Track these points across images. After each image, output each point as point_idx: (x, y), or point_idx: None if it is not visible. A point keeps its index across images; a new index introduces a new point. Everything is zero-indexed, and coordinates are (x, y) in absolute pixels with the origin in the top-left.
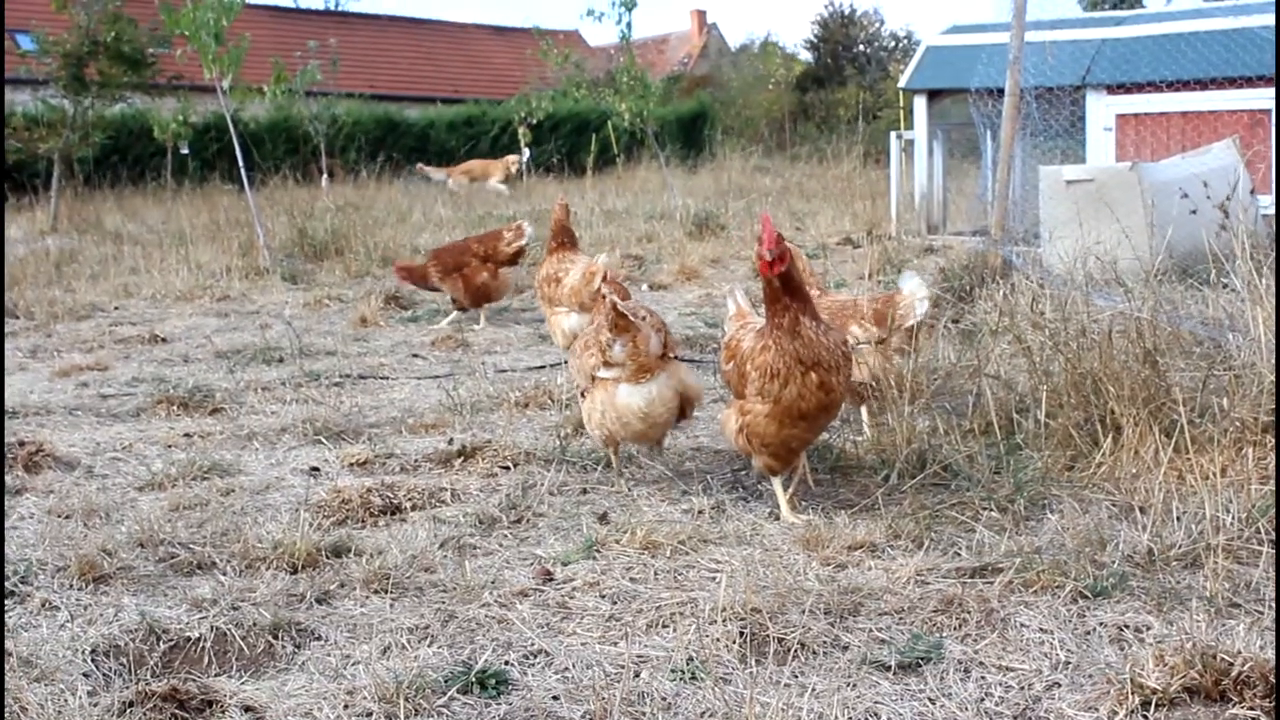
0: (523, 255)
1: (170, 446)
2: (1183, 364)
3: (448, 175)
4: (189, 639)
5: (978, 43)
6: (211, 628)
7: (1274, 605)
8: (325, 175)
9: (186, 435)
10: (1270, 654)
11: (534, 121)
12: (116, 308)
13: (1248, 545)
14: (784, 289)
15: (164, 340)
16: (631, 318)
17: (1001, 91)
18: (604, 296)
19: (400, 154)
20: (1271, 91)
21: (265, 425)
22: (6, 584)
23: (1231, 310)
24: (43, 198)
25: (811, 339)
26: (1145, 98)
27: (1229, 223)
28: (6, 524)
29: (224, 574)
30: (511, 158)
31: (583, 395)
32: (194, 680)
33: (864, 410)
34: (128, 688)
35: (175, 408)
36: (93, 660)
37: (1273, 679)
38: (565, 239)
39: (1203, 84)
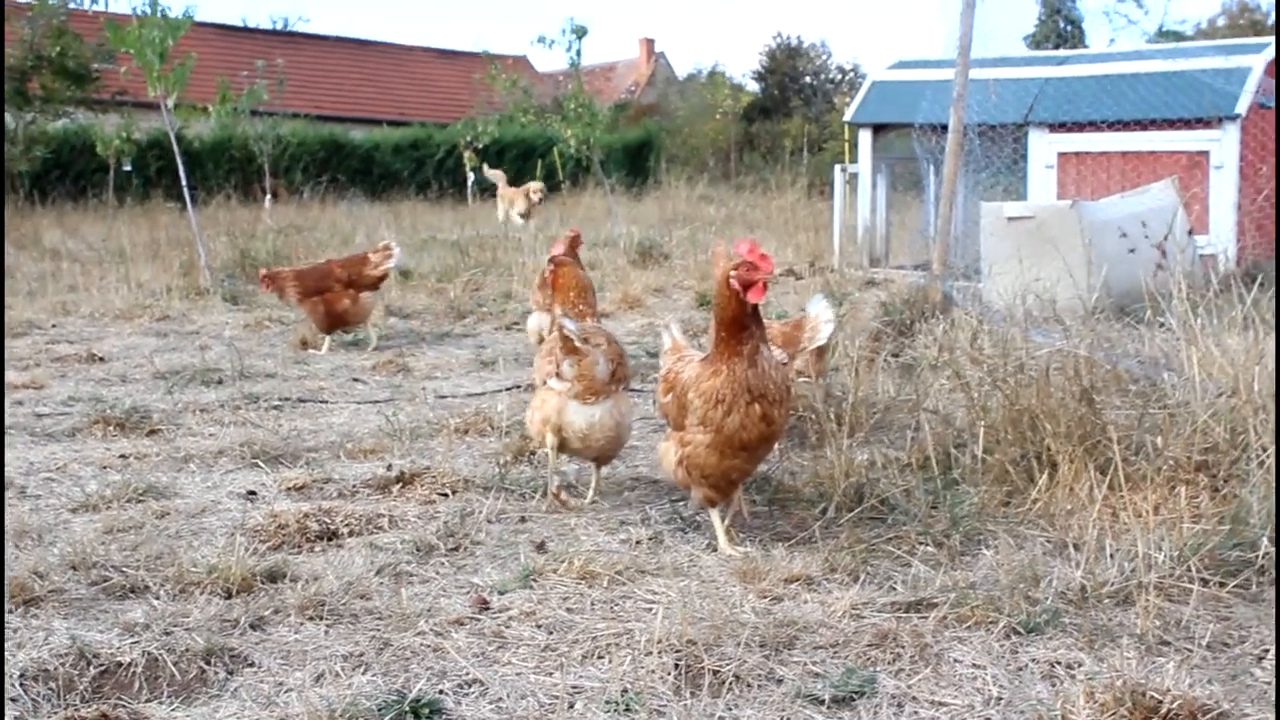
0: (386, 279)
1: (106, 468)
2: (1118, 402)
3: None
4: (120, 664)
5: (923, 79)
6: (143, 653)
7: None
8: (269, 196)
9: (122, 456)
10: (1199, 691)
11: (480, 146)
12: (54, 325)
13: (1179, 583)
14: (753, 316)
15: (102, 359)
16: (578, 344)
17: (945, 127)
18: (558, 319)
19: (344, 176)
20: (1209, 134)
21: (203, 448)
22: None
23: (1167, 349)
24: None
25: (764, 370)
26: (1086, 137)
27: (1166, 262)
28: None
29: (157, 598)
30: (533, 185)
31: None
32: (124, 706)
33: None
34: (56, 713)
35: (112, 428)
36: (21, 685)
37: (1201, 718)
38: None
39: (1142, 125)
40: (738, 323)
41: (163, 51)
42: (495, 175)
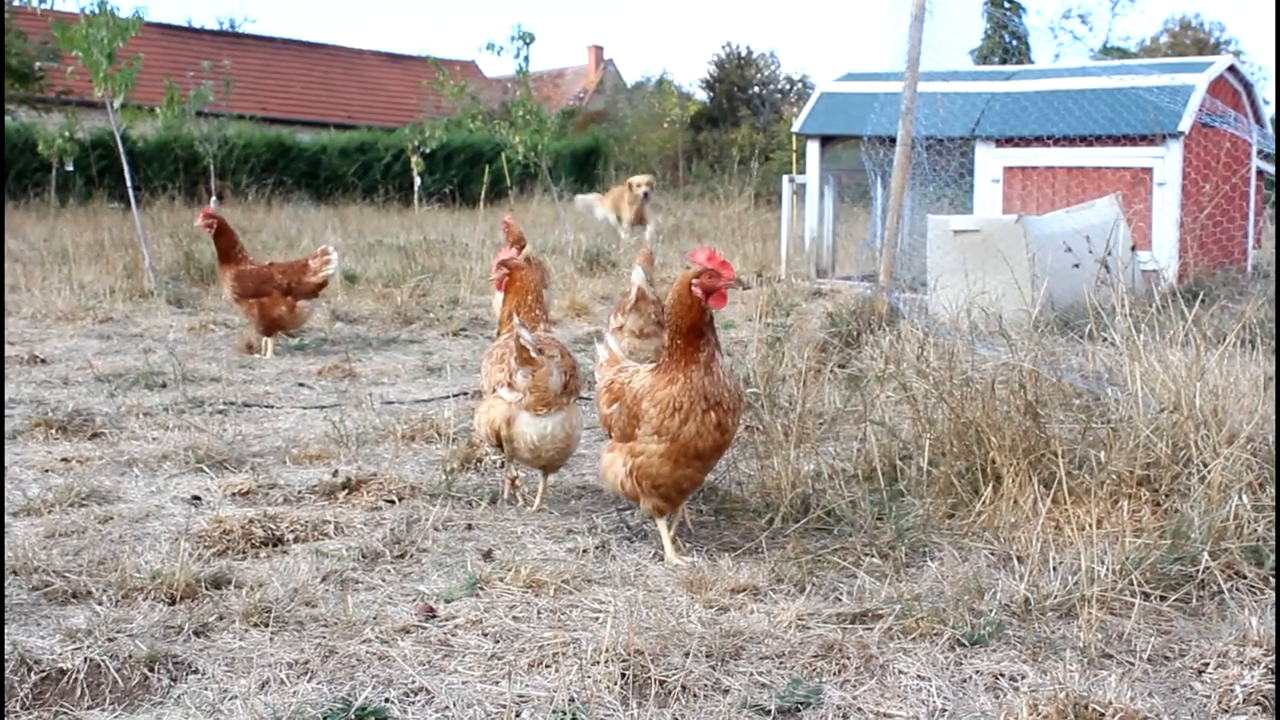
0: (326, 286)
1: (47, 471)
2: (1062, 416)
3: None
4: (62, 670)
5: (871, 91)
6: (85, 659)
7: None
8: (214, 197)
9: (64, 460)
10: (1140, 704)
11: (427, 151)
12: None
13: (1121, 597)
14: (710, 324)
15: (43, 361)
16: (534, 354)
17: (893, 140)
18: (513, 327)
19: (291, 178)
20: (1153, 150)
21: (146, 452)
22: None
23: (1110, 364)
24: None
25: (719, 378)
26: (1032, 151)
27: (1109, 277)
28: None
29: (100, 604)
30: (636, 179)
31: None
32: (65, 713)
33: None
34: None
35: (54, 431)
36: None
37: None
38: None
39: (1087, 140)
40: (696, 330)
41: (110, 52)
42: (589, 200)
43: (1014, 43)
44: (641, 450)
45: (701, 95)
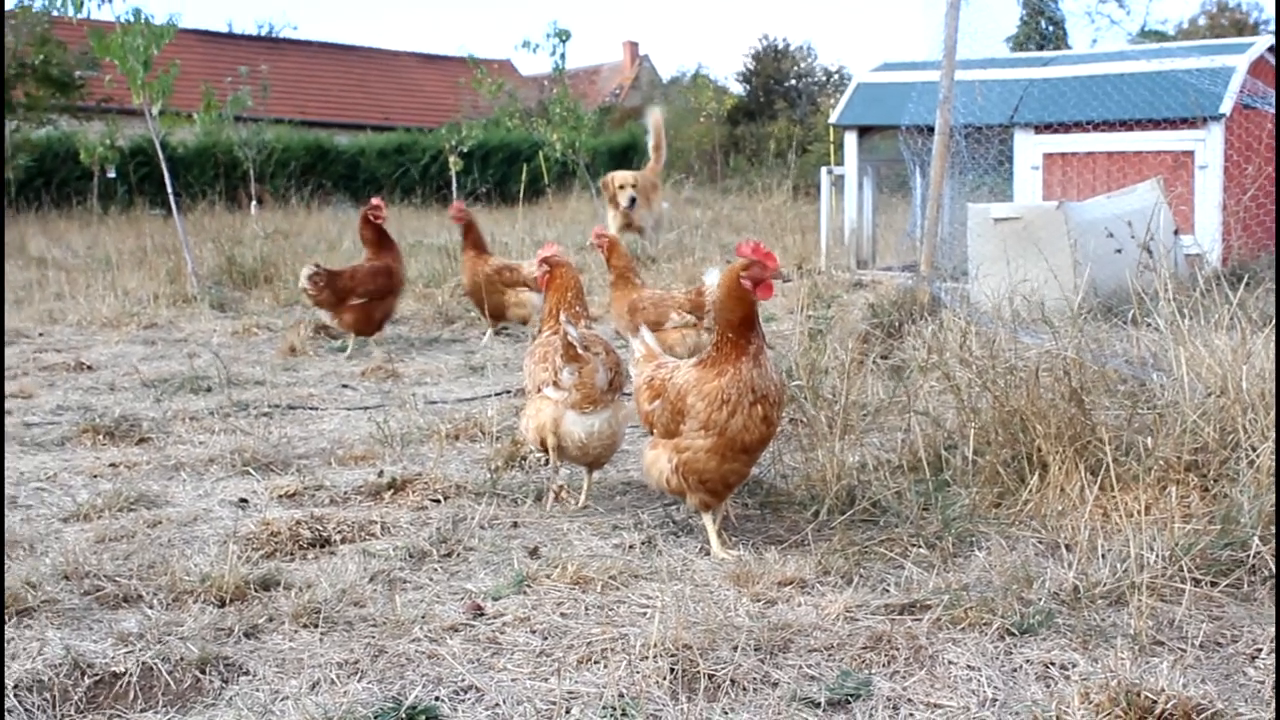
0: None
1: (96, 477)
2: (1107, 402)
3: None
4: (114, 674)
5: (908, 80)
6: (138, 662)
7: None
8: (254, 202)
9: (113, 465)
10: (1193, 691)
11: (464, 150)
12: (41, 334)
13: (1171, 583)
14: (757, 317)
15: (90, 368)
16: (581, 351)
17: (931, 129)
18: (560, 325)
19: (330, 180)
20: (1194, 134)
21: (193, 456)
22: None
23: (1155, 350)
24: None
25: (767, 371)
26: (1071, 137)
27: (1152, 262)
28: None
29: (151, 607)
30: (615, 176)
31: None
32: (119, 716)
33: None
34: None
35: (101, 437)
36: (16, 696)
37: (1195, 717)
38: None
39: (1127, 125)
40: (746, 322)
41: (147, 59)
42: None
43: (1050, 28)
44: (687, 445)
45: (737, 89)
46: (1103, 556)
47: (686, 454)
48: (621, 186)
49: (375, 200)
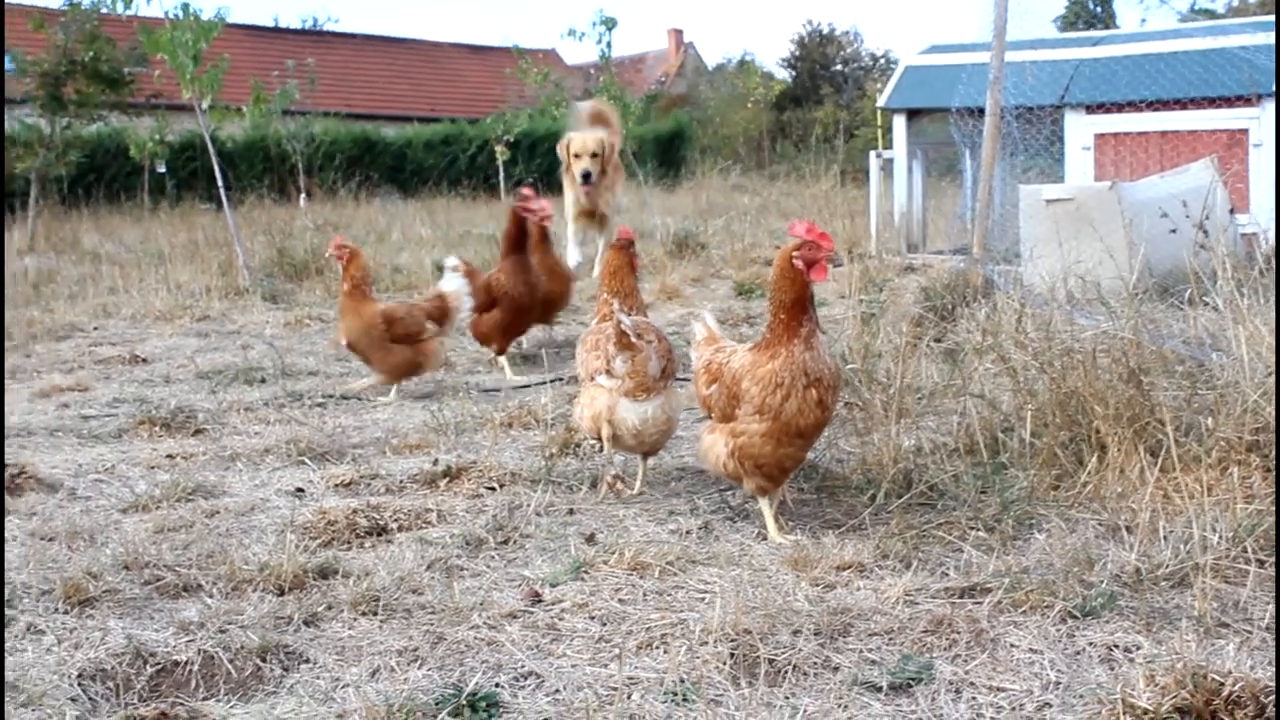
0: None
1: (153, 468)
2: (1166, 383)
3: None
4: (176, 662)
5: (957, 62)
6: (199, 651)
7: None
8: (303, 194)
9: (169, 456)
10: (1260, 674)
11: (511, 140)
12: (96, 328)
13: (1235, 565)
14: (811, 299)
15: (144, 361)
16: (633, 339)
17: (982, 111)
18: (612, 313)
19: (377, 172)
20: (1249, 111)
21: (249, 446)
22: None
23: (1213, 329)
24: (19, 217)
25: (820, 354)
26: (1123, 117)
27: (1208, 242)
28: None
29: (210, 596)
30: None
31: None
32: (182, 705)
33: None
34: (115, 712)
35: (157, 429)
36: (80, 685)
37: (1263, 699)
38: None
39: (1181, 104)
40: (799, 305)
41: (196, 54)
42: None
43: (1098, 8)
44: (743, 430)
45: (783, 74)
46: (1164, 538)
47: (742, 438)
48: (578, 155)
49: (524, 189)
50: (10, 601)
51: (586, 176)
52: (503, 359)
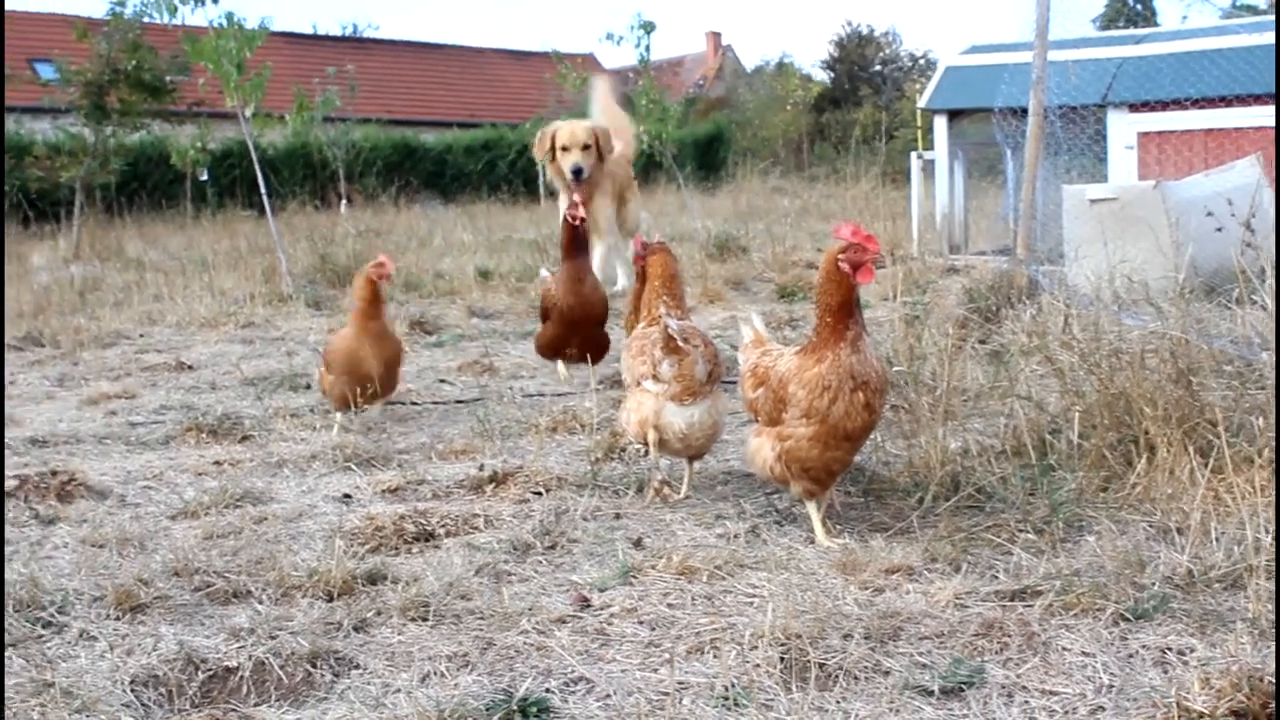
0: None
1: (201, 474)
2: (1214, 383)
3: None
4: (228, 668)
5: (998, 62)
6: (250, 657)
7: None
8: (344, 200)
9: (217, 463)
10: None
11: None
12: (141, 335)
13: None
14: (857, 301)
15: (190, 367)
16: (681, 343)
17: (1024, 110)
18: (660, 317)
19: (417, 178)
20: None
21: (295, 452)
22: (44, 614)
23: (1261, 328)
24: (65, 225)
25: (866, 356)
26: (1167, 115)
27: (1255, 240)
28: (41, 553)
29: (260, 603)
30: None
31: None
32: (234, 710)
33: None
34: (168, 719)
35: (204, 435)
36: (133, 691)
37: None
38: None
39: (1225, 101)
40: (845, 307)
41: (239, 62)
42: None
43: (1139, 6)
44: (790, 434)
45: (822, 76)
46: (1216, 540)
47: (789, 442)
48: (565, 147)
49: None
50: (63, 608)
51: (578, 172)
52: (559, 366)
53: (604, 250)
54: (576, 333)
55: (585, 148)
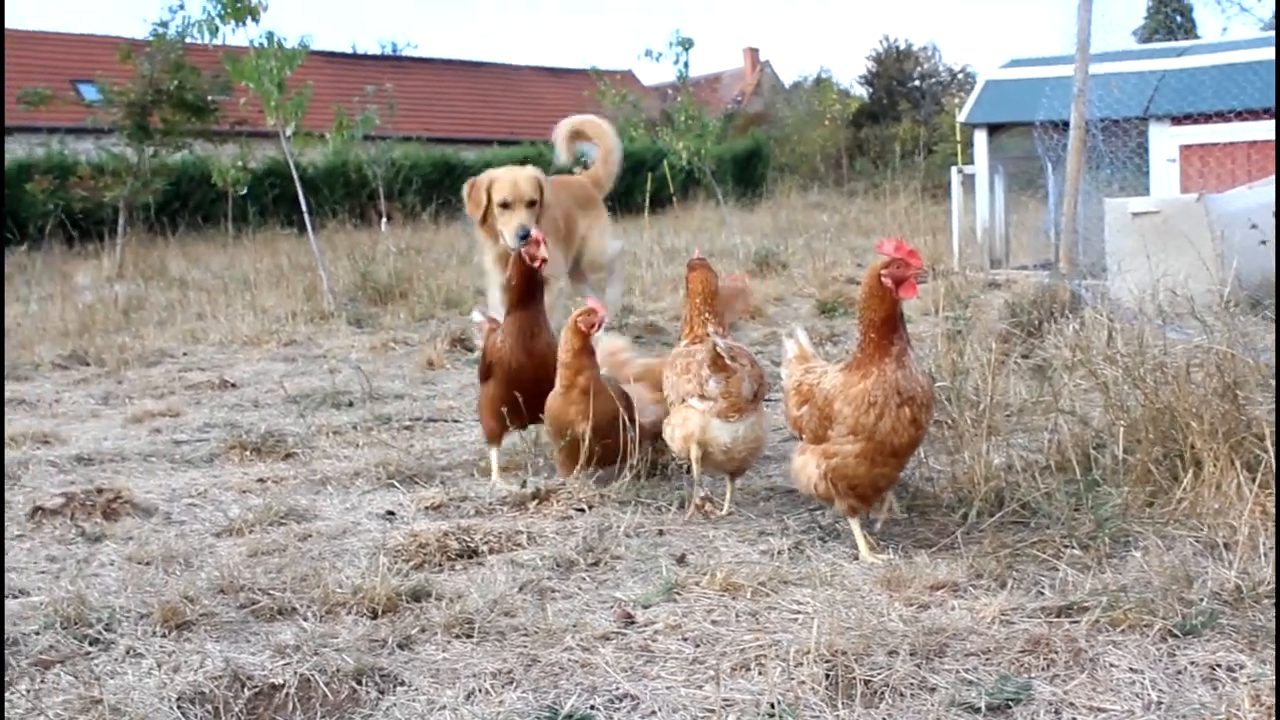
0: None
1: (245, 492)
2: (1261, 397)
3: None
4: (273, 685)
5: (1038, 76)
6: (295, 674)
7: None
8: (384, 218)
9: (260, 480)
10: None
11: (588, 162)
12: (185, 353)
13: None
14: (901, 317)
15: (233, 385)
16: (729, 362)
17: (1065, 124)
18: (706, 335)
19: (457, 196)
20: None
21: (338, 470)
22: (92, 631)
23: None
24: (108, 245)
25: (912, 372)
26: (1210, 128)
27: None
28: (88, 571)
29: (305, 619)
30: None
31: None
32: None
33: None
34: None
35: (248, 453)
36: (179, 708)
37: None
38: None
39: (1269, 112)
40: (889, 323)
41: (280, 82)
42: None
43: (1178, 19)
44: (836, 451)
45: (859, 91)
46: (1264, 555)
47: (835, 460)
48: (506, 204)
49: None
50: (110, 625)
51: (524, 237)
52: (492, 452)
53: (551, 300)
54: (526, 394)
55: (530, 204)
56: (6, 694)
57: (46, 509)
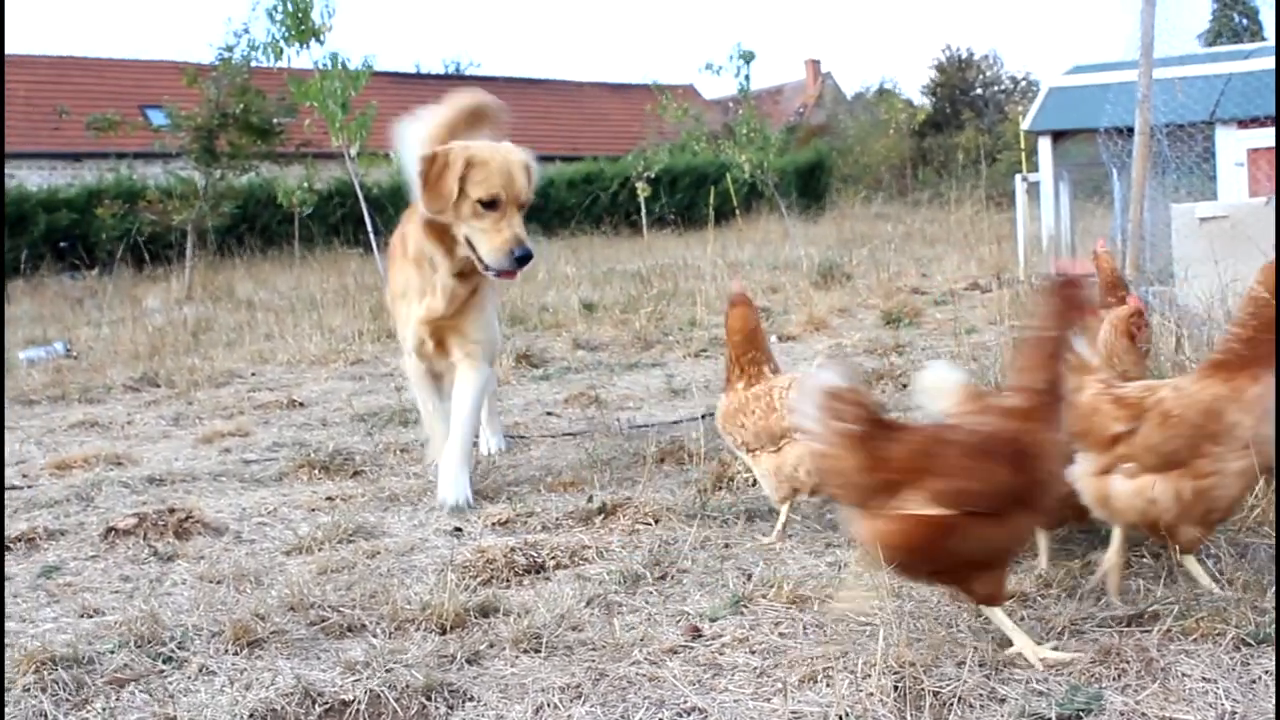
0: None
1: (314, 510)
2: None
3: None
4: (343, 702)
5: (1102, 82)
6: (365, 690)
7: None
8: None
9: (329, 498)
10: None
11: (651, 176)
12: (253, 374)
13: None
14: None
15: (301, 405)
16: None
17: (1130, 130)
18: (764, 376)
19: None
20: None
21: (406, 487)
22: (165, 649)
23: None
24: (177, 267)
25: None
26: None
27: None
28: (161, 590)
29: (374, 636)
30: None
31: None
32: None
33: None
34: None
35: (317, 471)
36: None
37: None
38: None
39: None
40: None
41: (344, 102)
42: None
43: (1244, 21)
44: (1212, 470)
45: (922, 101)
46: None
47: (1208, 480)
48: (492, 202)
49: None
50: (182, 643)
51: (524, 259)
52: None
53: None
54: None
55: (522, 206)
56: (82, 713)
57: (120, 529)
